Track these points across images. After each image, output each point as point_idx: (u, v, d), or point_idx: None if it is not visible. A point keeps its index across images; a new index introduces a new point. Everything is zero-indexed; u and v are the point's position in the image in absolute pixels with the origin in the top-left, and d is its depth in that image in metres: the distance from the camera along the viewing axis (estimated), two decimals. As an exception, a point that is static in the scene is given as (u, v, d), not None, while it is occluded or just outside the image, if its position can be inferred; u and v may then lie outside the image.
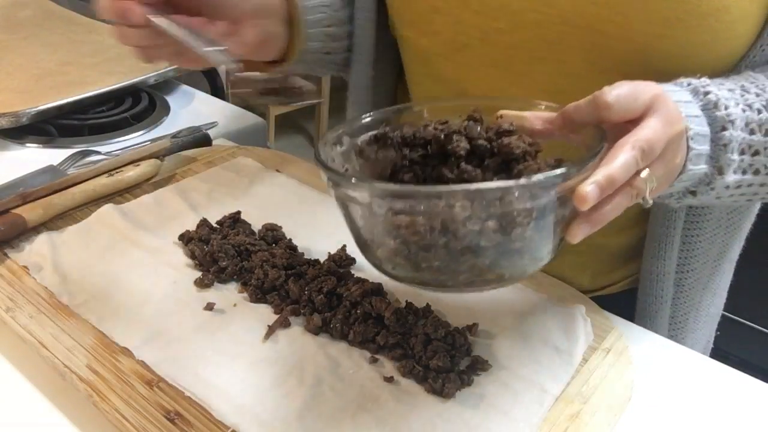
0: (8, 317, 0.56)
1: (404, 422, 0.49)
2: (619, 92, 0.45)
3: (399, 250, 0.44)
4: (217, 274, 0.62)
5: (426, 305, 0.58)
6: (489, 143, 0.47)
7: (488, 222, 0.42)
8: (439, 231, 0.42)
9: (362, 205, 0.45)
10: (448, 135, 0.47)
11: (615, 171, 0.43)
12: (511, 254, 0.44)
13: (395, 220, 0.43)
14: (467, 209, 0.41)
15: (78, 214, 0.71)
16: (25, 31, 1.22)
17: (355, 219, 0.47)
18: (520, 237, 0.43)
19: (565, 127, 0.48)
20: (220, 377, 0.51)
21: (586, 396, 0.52)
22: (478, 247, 0.43)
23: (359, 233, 0.48)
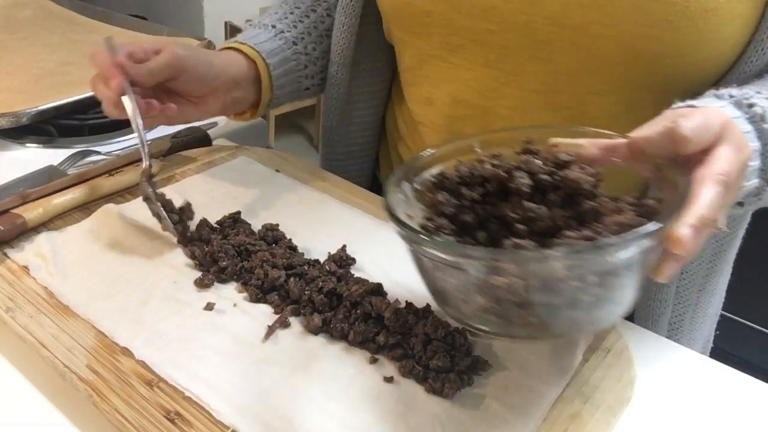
0: (8, 317, 0.56)
1: (404, 422, 0.49)
2: (693, 125, 0.44)
3: (490, 308, 0.43)
4: (217, 274, 0.62)
5: (426, 305, 0.58)
6: (550, 176, 0.45)
7: (590, 277, 0.40)
8: (539, 289, 0.41)
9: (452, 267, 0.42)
10: (508, 172, 0.46)
11: (706, 211, 0.42)
12: (607, 304, 0.43)
13: (492, 281, 0.41)
14: (572, 269, 0.40)
15: (78, 214, 0.71)
16: (25, 31, 1.22)
17: (438, 276, 0.45)
18: (618, 286, 0.42)
19: (632, 157, 0.47)
20: (220, 377, 0.51)
21: (586, 396, 0.52)
22: (578, 302, 0.41)
23: (441, 290, 0.46)
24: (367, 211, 0.73)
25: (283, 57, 0.78)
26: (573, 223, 0.45)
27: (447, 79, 0.70)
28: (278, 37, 0.79)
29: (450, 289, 0.45)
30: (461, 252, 0.43)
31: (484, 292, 0.42)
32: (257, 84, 0.77)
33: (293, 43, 0.79)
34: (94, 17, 1.28)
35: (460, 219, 0.47)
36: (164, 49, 0.68)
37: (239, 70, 0.74)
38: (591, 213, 0.45)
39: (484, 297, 0.42)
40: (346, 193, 0.77)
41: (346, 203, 0.74)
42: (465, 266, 0.42)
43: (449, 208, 0.47)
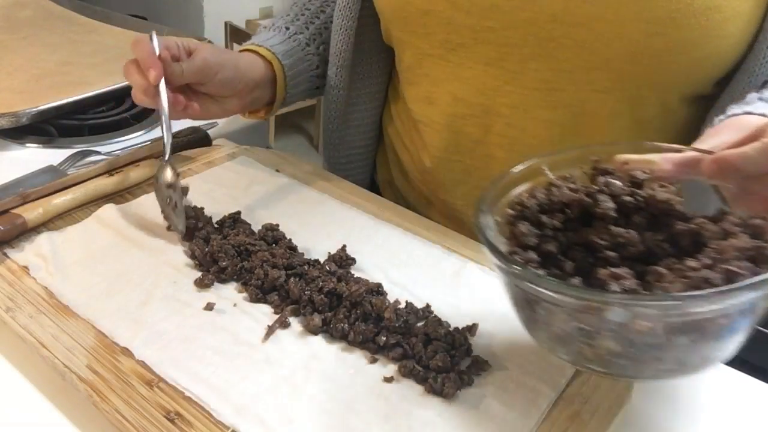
0: (8, 317, 0.56)
1: (404, 422, 0.49)
2: None
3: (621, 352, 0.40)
4: (217, 274, 0.62)
5: (426, 305, 0.58)
6: (633, 197, 0.44)
7: (734, 313, 0.39)
8: (679, 329, 0.39)
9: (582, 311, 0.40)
10: (590, 196, 0.44)
11: None
12: (736, 336, 0.41)
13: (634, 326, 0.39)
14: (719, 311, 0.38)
15: (78, 214, 0.71)
16: (25, 31, 1.22)
17: (558, 321, 0.42)
18: (742, 326, 0.41)
19: (721, 173, 0.44)
20: (220, 377, 0.51)
21: (586, 396, 0.52)
22: (719, 338, 0.40)
23: (558, 335, 0.43)
24: (367, 211, 0.73)
25: (297, 58, 0.81)
26: (667, 246, 0.43)
27: (447, 78, 0.70)
28: (292, 39, 0.81)
29: (572, 334, 0.42)
30: (602, 298, 0.40)
31: (617, 336, 0.40)
32: (273, 84, 0.79)
33: (306, 44, 0.82)
34: (94, 17, 1.28)
35: (543, 249, 0.45)
36: (197, 53, 0.70)
37: (259, 73, 0.77)
38: (688, 236, 0.43)
39: (616, 341, 0.40)
40: (346, 193, 0.77)
41: (346, 203, 0.74)
42: (600, 312, 0.39)
43: (532, 238, 0.45)
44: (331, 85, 0.83)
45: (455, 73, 0.69)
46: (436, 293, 0.61)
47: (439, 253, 0.66)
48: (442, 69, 0.70)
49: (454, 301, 0.60)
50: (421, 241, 0.68)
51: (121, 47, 1.16)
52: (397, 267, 0.64)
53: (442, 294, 0.61)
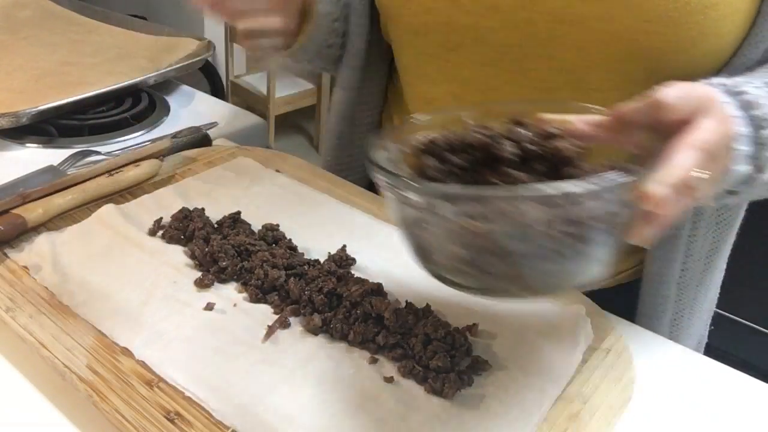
0: (8, 317, 0.56)
1: (404, 422, 0.49)
2: (676, 92, 0.45)
3: (465, 257, 0.43)
4: (217, 274, 0.62)
5: (426, 305, 0.58)
6: (536, 147, 0.46)
7: (564, 227, 0.41)
8: (510, 236, 0.41)
9: (421, 208, 0.43)
10: (495, 139, 0.46)
11: (678, 171, 0.42)
12: (578, 259, 0.43)
13: (464, 225, 0.41)
14: (542, 213, 0.40)
15: (78, 214, 0.71)
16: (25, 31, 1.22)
17: (417, 227, 0.45)
18: (589, 240, 0.42)
19: (617, 129, 0.47)
20: (220, 377, 0.51)
21: (586, 396, 0.52)
22: (549, 252, 0.42)
23: (414, 238, 0.46)
24: (367, 211, 0.73)
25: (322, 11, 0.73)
26: None
27: (446, 78, 0.70)
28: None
29: (428, 240, 0.45)
30: (435, 190, 0.43)
31: (459, 240, 0.43)
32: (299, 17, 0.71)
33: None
34: (94, 17, 1.28)
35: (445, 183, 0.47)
36: None
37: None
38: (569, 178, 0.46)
39: (459, 245, 0.43)
40: (346, 193, 0.77)
41: (346, 203, 0.74)
42: (439, 209, 0.42)
43: (434, 172, 0.48)
44: (343, 85, 0.81)
45: (454, 73, 0.69)
46: (436, 293, 0.61)
47: (439, 253, 0.66)
48: (440, 69, 0.70)
49: (454, 301, 0.60)
50: (421, 241, 0.68)
51: (121, 47, 1.16)
52: (397, 267, 0.64)
53: (442, 294, 0.61)
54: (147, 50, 1.14)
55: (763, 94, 0.52)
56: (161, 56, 1.10)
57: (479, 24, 0.64)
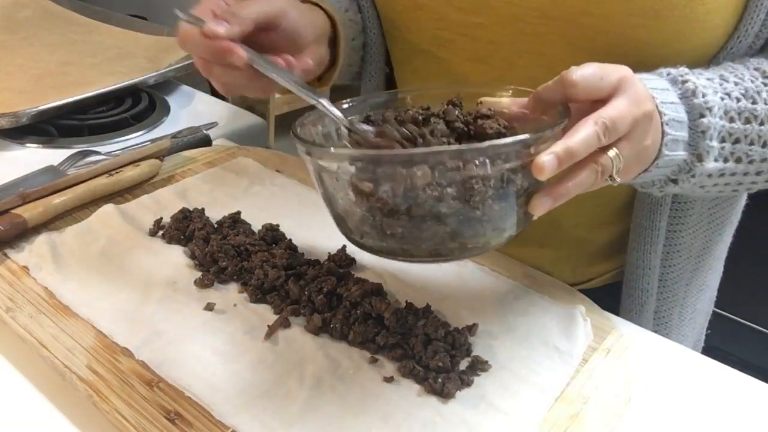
0: (8, 317, 0.56)
1: (404, 422, 0.49)
2: (584, 72, 0.47)
3: (365, 218, 0.46)
4: (217, 274, 0.62)
5: (426, 305, 0.58)
6: (466, 126, 0.48)
7: (448, 188, 0.43)
8: (401, 197, 0.43)
9: (330, 172, 0.46)
10: (426, 118, 0.49)
11: (574, 144, 0.43)
12: (472, 223, 0.45)
13: (359, 187, 0.44)
14: (428, 175, 0.42)
15: (78, 214, 0.71)
16: (24, 31, 1.22)
17: (328, 190, 0.48)
18: (480, 205, 0.44)
19: (536, 108, 0.49)
20: (220, 377, 0.51)
21: (586, 396, 0.52)
22: (439, 214, 0.44)
23: (332, 205, 0.49)
24: (367, 211, 0.73)
25: (342, 22, 0.68)
26: None
27: (437, 74, 0.70)
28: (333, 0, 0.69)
29: (339, 204, 0.48)
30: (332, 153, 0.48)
31: (358, 202, 0.45)
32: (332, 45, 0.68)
33: (345, 10, 0.70)
34: (94, 17, 1.28)
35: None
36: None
37: (324, 26, 0.66)
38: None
39: (360, 207, 0.45)
40: (346, 193, 0.77)
41: (346, 203, 0.74)
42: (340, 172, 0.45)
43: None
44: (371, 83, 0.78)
45: (444, 69, 0.69)
46: (436, 293, 0.61)
47: (439, 253, 0.66)
48: (431, 65, 0.70)
49: (454, 301, 0.60)
50: (421, 241, 0.68)
51: (121, 47, 1.16)
52: (397, 267, 0.64)
53: (442, 294, 0.61)
54: (147, 50, 1.14)
55: (709, 85, 0.53)
56: (161, 56, 1.10)
57: (469, 20, 0.64)
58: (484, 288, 0.62)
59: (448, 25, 0.66)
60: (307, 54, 0.61)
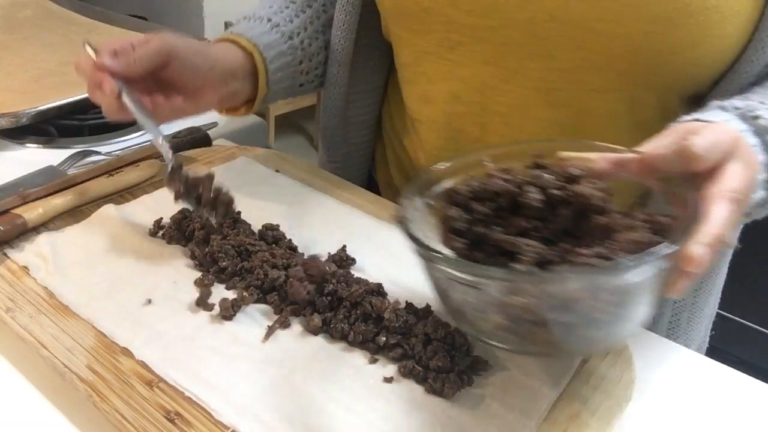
0: (8, 317, 0.56)
1: (404, 422, 0.49)
2: (705, 143, 0.45)
3: (507, 326, 0.43)
4: (217, 274, 0.62)
5: (426, 305, 0.58)
6: (561, 191, 0.46)
7: (605, 296, 0.41)
8: (555, 308, 0.41)
9: (470, 286, 0.43)
10: (519, 186, 0.46)
11: (718, 229, 0.42)
12: (622, 321, 0.43)
13: (509, 300, 0.41)
14: (587, 289, 0.40)
15: (78, 214, 0.71)
16: (25, 31, 1.22)
17: (455, 295, 0.45)
18: (632, 304, 0.42)
19: (644, 173, 0.47)
20: (220, 377, 0.51)
21: (586, 396, 0.52)
22: (593, 320, 0.42)
23: (458, 308, 0.46)
24: (367, 211, 0.73)
25: (279, 51, 0.76)
26: (586, 238, 0.46)
27: (445, 77, 0.70)
28: (274, 31, 0.76)
29: (467, 308, 0.45)
30: (479, 272, 0.42)
31: (501, 311, 0.42)
32: (253, 78, 0.74)
33: (289, 38, 0.77)
34: (94, 17, 1.28)
35: (473, 232, 0.47)
36: (152, 38, 0.65)
37: (235, 62, 0.72)
38: (602, 229, 0.45)
39: (501, 316, 0.43)
40: (345, 193, 0.77)
41: (346, 203, 0.74)
42: (482, 286, 0.42)
43: (461, 223, 0.48)
44: (331, 82, 0.82)
45: (453, 72, 0.69)
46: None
47: (439, 253, 0.66)
48: (440, 67, 0.70)
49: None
50: (421, 241, 0.68)
51: (121, 47, 1.16)
52: (397, 267, 0.64)
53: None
54: (147, 50, 1.14)
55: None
56: (161, 56, 1.10)
57: (479, 23, 0.64)
58: (484, 288, 0.62)
59: (457, 28, 0.66)
60: (208, 88, 0.68)
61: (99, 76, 0.62)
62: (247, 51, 0.73)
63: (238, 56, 0.72)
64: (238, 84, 0.73)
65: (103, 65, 0.62)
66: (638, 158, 0.47)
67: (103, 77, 0.62)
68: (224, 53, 0.71)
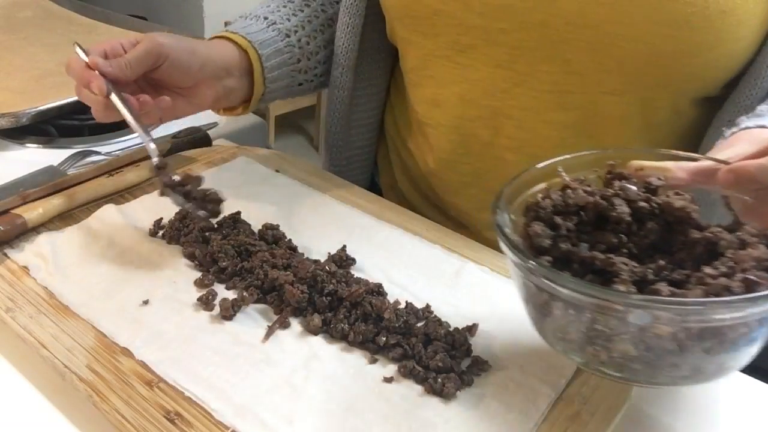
0: (8, 317, 0.56)
1: (404, 422, 0.49)
2: None
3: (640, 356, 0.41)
4: (217, 274, 0.62)
5: (426, 305, 0.58)
6: (647, 203, 0.45)
7: (753, 321, 0.40)
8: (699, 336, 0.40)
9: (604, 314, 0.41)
10: (606, 199, 0.45)
11: None
12: (759, 343, 0.42)
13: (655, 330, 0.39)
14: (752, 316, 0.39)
15: (78, 214, 0.71)
16: (25, 31, 1.22)
17: (572, 324, 0.43)
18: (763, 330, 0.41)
19: (735, 184, 0.45)
20: (220, 377, 0.51)
21: (586, 396, 0.52)
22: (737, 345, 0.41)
23: (571, 338, 0.44)
24: (367, 211, 0.73)
25: (275, 49, 0.75)
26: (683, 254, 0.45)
27: (454, 80, 0.69)
28: (270, 29, 0.75)
29: (588, 336, 0.43)
30: (623, 300, 0.40)
31: (637, 341, 0.40)
32: (249, 76, 0.74)
33: (286, 35, 0.76)
34: (94, 17, 1.28)
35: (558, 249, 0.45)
36: (143, 39, 0.64)
37: (230, 59, 0.71)
38: (704, 244, 0.44)
39: (635, 345, 0.41)
40: (346, 194, 0.77)
41: (346, 203, 0.74)
42: (619, 314, 0.40)
43: (546, 239, 0.46)
44: (335, 85, 0.81)
45: (463, 75, 0.68)
46: (436, 293, 0.61)
47: (439, 254, 0.66)
48: (448, 70, 0.69)
49: (454, 301, 0.60)
50: (421, 242, 0.68)
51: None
52: (397, 267, 0.64)
53: (442, 294, 0.61)
54: (147, 50, 1.14)
55: None
56: (161, 56, 1.10)
57: (491, 26, 0.63)
58: (484, 288, 0.62)
59: (468, 31, 0.65)
60: (202, 86, 0.68)
61: (88, 76, 0.62)
62: (242, 48, 0.72)
63: (232, 53, 0.72)
64: (233, 81, 0.72)
65: (96, 65, 0.62)
66: (729, 168, 0.45)
67: (92, 76, 0.61)
68: (217, 50, 0.71)
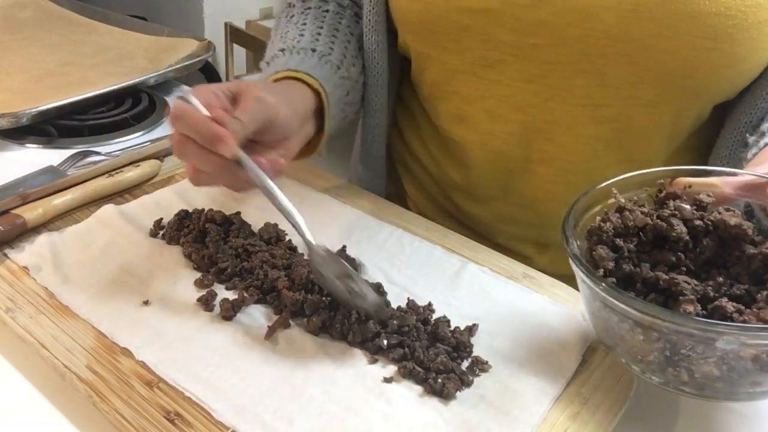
0: (8, 317, 0.56)
1: (404, 423, 0.49)
2: None
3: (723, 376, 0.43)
4: (217, 275, 0.62)
5: (426, 305, 0.58)
6: (701, 221, 0.47)
7: None
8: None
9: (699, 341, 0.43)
10: (665, 220, 0.47)
11: None
12: None
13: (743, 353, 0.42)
14: None
15: (78, 214, 0.71)
16: (25, 31, 1.22)
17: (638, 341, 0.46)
18: None
19: None
20: (220, 377, 0.51)
21: (586, 396, 0.52)
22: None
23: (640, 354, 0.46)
24: (367, 211, 0.73)
25: (333, 84, 0.68)
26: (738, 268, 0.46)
27: (481, 96, 0.68)
28: (323, 62, 0.69)
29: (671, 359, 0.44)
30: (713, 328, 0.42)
31: (721, 363, 0.42)
32: (318, 117, 0.67)
33: (337, 68, 0.70)
34: (94, 17, 1.28)
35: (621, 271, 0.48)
36: (245, 96, 0.56)
37: (311, 104, 0.66)
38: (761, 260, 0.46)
39: (718, 367, 0.42)
40: (346, 194, 0.77)
41: (346, 203, 0.74)
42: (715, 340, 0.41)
43: (610, 262, 0.48)
44: (373, 108, 0.76)
45: (490, 90, 0.67)
46: (436, 293, 0.61)
47: (440, 254, 0.66)
48: (474, 86, 0.67)
49: (454, 301, 0.60)
50: (421, 242, 0.68)
51: (120, 47, 1.16)
52: (397, 267, 0.64)
53: (442, 294, 0.61)
54: (147, 51, 1.14)
55: None
56: (161, 57, 1.10)
57: (522, 41, 0.62)
58: (484, 288, 0.62)
59: (497, 46, 0.63)
60: (292, 139, 0.61)
61: (216, 130, 0.52)
62: (313, 89, 0.66)
63: (309, 98, 0.66)
64: (308, 126, 0.66)
65: (223, 120, 0.52)
66: None
67: (225, 133, 0.52)
68: (300, 96, 0.65)
